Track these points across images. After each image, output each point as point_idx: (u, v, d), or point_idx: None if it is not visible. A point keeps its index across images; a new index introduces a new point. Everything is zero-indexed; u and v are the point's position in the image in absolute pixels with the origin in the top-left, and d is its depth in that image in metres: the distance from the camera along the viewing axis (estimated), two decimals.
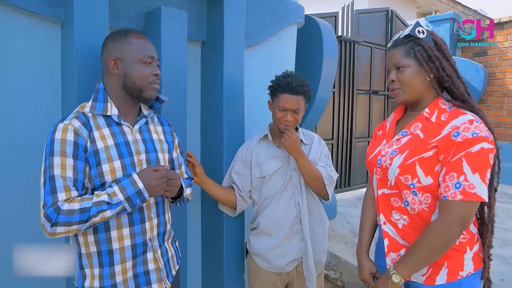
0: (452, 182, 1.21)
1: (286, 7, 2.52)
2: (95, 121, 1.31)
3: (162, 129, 1.53)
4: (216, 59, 2.04)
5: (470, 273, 1.31)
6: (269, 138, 1.89)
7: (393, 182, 1.35)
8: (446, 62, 1.35)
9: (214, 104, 2.07)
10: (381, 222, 1.45)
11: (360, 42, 4.72)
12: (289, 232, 1.83)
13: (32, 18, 1.55)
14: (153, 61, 1.38)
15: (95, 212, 1.19)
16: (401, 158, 1.31)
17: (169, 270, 1.48)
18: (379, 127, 1.62)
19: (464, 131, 1.21)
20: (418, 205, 1.32)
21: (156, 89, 1.40)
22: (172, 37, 1.77)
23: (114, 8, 1.71)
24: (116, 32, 1.38)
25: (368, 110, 5.10)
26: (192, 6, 2.03)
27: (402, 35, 1.39)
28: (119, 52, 1.33)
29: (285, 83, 1.74)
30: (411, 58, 1.35)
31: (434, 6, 12.45)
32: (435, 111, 1.34)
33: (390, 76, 1.42)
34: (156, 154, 1.42)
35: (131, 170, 1.32)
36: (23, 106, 1.57)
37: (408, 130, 1.38)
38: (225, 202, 1.94)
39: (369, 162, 1.50)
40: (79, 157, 1.23)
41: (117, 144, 1.31)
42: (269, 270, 1.87)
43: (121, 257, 1.31)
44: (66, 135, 1.22)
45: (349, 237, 3.64)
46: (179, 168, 1.60)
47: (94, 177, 1.26)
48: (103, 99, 1.34)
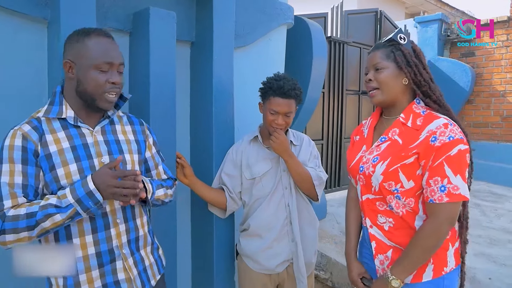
0: (437, 186, 1.28)
1: (276, 8, 2.52)
2: (49, 125, 1.24)
3: (131, 128, 1.44)
4: (205, 60, 2.03)
5: (452, 268, 1.39)
6: (259, 139, 1.89)
7: (377, 188, 1.40)
8: (423, 69, 1.41)
9: (204, 105, 2.06)
10: (368, 225, 1.49)
11: (349, 42, 4.74)
12: (279, 233, 1.82)
13: (19, 18, 1.53)
14: (112, 67, 1.26)
15: (42, 216, 1.12)
16: (384, 166, 1.36)
17: (146, 280, 1.39)
18: (355, 132, 1.67)
19: (441, 135, 1.28)
20: (402, 208, 1.38)
21: (111, 101, 1.28)
22: (161, 38, 1.76)
23: (101, 8, 1.69)
24: (76, 32, 1.27)
25: (358, 110, 5.13)
26: (181, 6, 2.01)
27: (384, 40, 1.46)
28: (73, 54, 1.24)
29: (277, 87, 1.73)
30: (391, 60, 1.41)
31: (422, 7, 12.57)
32: (410, 115, 1.40)
33: (367, 76, 1.46)
34: (122, 156, 1.33)
35: (89, 173, 1.23)
36: (9, 107, 1.54)
37: (387, 136, 1.43)
38: (215, 203, 1.93)
39: (352, 169, 1.54)
40: (29, 162, 1.18)
41: (74, 147, 1.24)
42: (259, 271, 1.86)
43: (85, 265, 1.24)
44: (14, 141, 1.17)
45: (339, 237, 3.65)
46: (155, 168, 1.52)
47: (50, 182, 1.20)
48: (58, 102, 1.27)
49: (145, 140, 1.48)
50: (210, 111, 2.02)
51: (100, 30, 1.29)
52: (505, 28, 5.90)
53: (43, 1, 1.54)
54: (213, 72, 1.99)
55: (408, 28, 6.37)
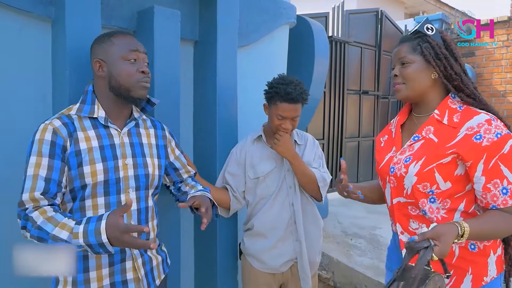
0: (498, 189, 1.18)
1: (279, 7, 2.51)
2: (81, 123, 1.28)
3: (154, 132, 1.49)
4: (209, 58, 2.03)
5: (494, 277, 1.28)
6: (263, 139, 1.88)
7: (410, 190, 1.30)
8: (454, 61, 1.31)
9: (207, 104, 2.05)
10: (398, 231, 1.39)
11: (350, 42, 4.75)
12: (283, 233, 1.82)
13: (23, 16, 1.52)
14: (138, 58, 1.33)
15: (52, 242, 1.13)
16: (418, 166, 1.26)
17: (151, 280, 1.42)
18: (383, 132, 1.57)
19: (486, 133, 1.18)
20: (436, 213, 1.28)
21: (146, 87, 1.34)
22: (165, 37, 1.76)
23: (106, 7, 1.68)
24: (102, 34, 1.36)
25: (358, 110, 5.14)
26: (185, 5, 2.01)
27: (410, 32, 1.36)
28: (102, 53, 1.31)
29: (285, 93, 1.69)
30: (417, 54, 1.32)
31: (421, 7, 12.59)
32: (446, 112, 1.30)
33: (393, 71, 1.37)
34: (144, 159, 1.39)
35: (113, 174, 1.28)
36: (13, 106, 1.54)
37: (420, 134, 1.33)
38: (218, 202, 1.92)
39: (381, 171, 1.45)
40: (56, 156, 1.21)
41: (102, 147, 1.28)
42: (263, 270, 1.86)
43: (96, 263, 1.27)
44: (44, 135, 1.21)
45: (340, 237, 3.65)
46: (183, 167, 1.61)
47: (74, 178, 1.23)
48: (91, 101, 1.32)
49: (165, 145, 1.53)
50: (213, 110, 2.01)
51: (122, 30, 1.40)
52: (505, 28, 5.92)
53: None
54: (217, 71, 1.99)
55: (408, 28, 6.37)
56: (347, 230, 3.86)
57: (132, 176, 1.34)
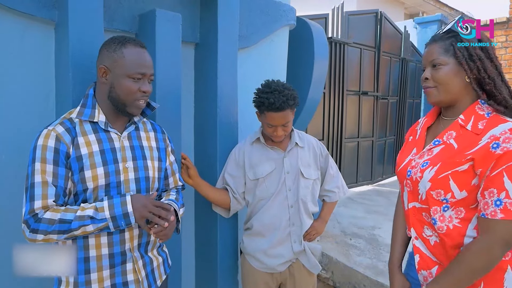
0: (491, 199, 1.10)
1: (278, 9, 2.53)
2: (82, 127, 1.29)
3: (154, 135, 1.50)
4: (209, 61, 2.05)
5: None
6: (261, 140, 1.90)
7: (424, 196, 1.24)
8: (489, 63, 1.22)
9: (208, 106, 2.07)
10: (413, 236, 1.33)
11: (350, 43, 4.76)
12: (282, 234, 1.84)
13: (26, 19, 1.54)
14: (144, 77, 1.32)
15: (77, 226, 1.18)
16: (433, 172, 1.20)
17: (152, 281, 1.43)
18: (410, 132, 1.49)
19: (505, 142, 1.09)
20: (447, 222, 1.20)
21: (141, 107, 1.35)
22: (166, 39, 1.78)
23: (108, 10, 1.71)
24: (114, 39, 1.33)
25: (358, 111, 5.15)
26: (186, 8, 2.03)
27: (443, 30, 1.27)
28: (110, 61, 1.30)
29: (268, 103, 1.69)
30: (450, 55, 1.22)
31: (421, 7, 12.62)
32: (471, 117, 1.20)
33: (424, 74, 1.28)
34: (144, 162, 1.39)
35: (114, 177, 1.30)
36: (16, 108, 1.56)
37: (441, 139, 1.25)
38: (219, 203, 1.94)
39: (399, 173, 1.38)
40: (60, 164, 1.22)
41: (102, 151, 1.29)
42: (262, 270, 1.88)
43: (97, 265, 1.28)
44: (47, 141, 1.22)
45: (340, 237, 3.67)
46: (172, 176, 1.58)
47: (77, 182, 1.25)
48: (91, 105, 1.32)
49: (165, 148, 1.53)
50: (214, 112, 2.03)
51: (136, 40, 1.35)
52: (504, 29, 5.93)
53: (51, 2, 1.56)
54: (217, 73, 2.01)
55: (408, 29, 6.39)
56: (346, 230, 3.88)
57: (133, 179, 1.35)
